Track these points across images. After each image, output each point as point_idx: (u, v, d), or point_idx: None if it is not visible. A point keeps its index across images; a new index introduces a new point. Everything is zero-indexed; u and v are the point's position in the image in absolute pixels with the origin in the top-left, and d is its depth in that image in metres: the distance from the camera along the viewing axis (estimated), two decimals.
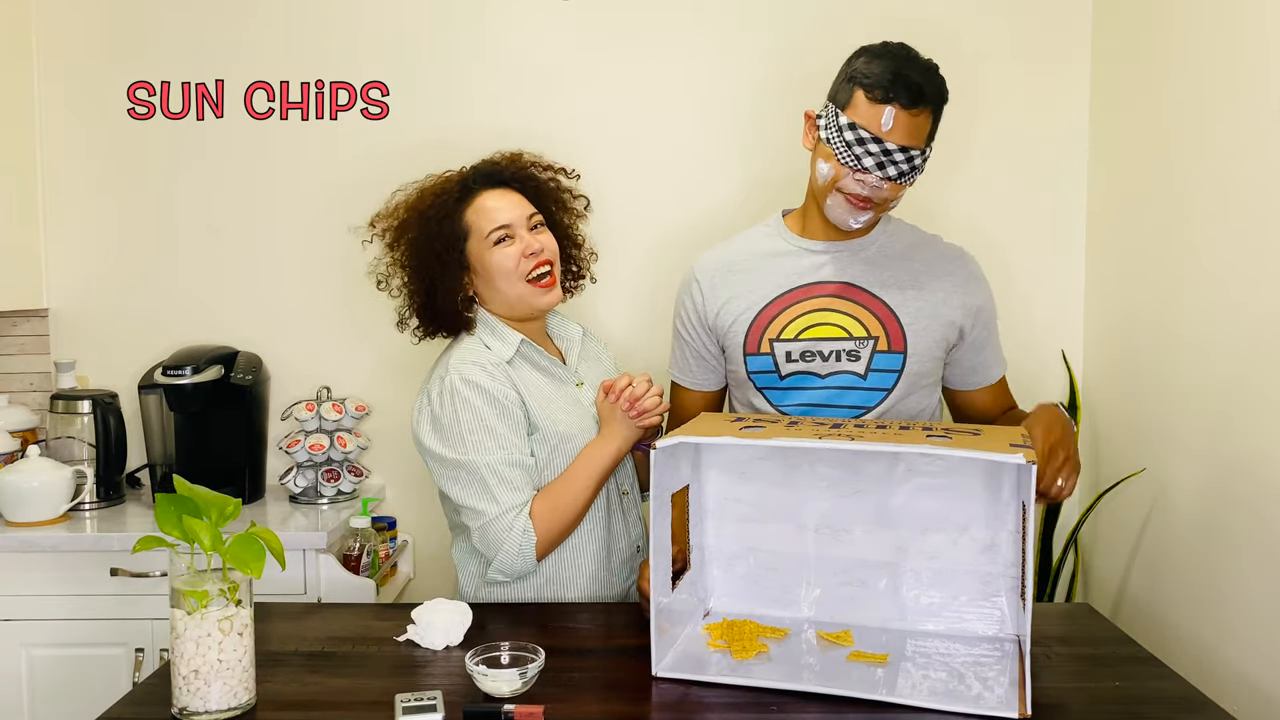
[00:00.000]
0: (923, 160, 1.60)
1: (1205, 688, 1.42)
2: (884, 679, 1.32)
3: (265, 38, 2.46)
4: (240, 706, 1.26)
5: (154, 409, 2.32)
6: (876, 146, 1.56)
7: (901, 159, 1.57)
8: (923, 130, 1.58)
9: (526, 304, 1.71)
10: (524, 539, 1.60)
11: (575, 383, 1.78)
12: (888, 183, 1.58)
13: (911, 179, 1.61)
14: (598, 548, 1.72)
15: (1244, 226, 1.76)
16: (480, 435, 1.62)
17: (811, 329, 1.67)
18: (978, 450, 1.25)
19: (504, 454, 1.62)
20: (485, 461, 1.61)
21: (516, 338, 1.72)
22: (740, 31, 2.42)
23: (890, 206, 1.65)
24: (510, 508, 1.61)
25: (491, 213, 1.70)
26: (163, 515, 1.24)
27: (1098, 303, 2.38)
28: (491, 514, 1.61)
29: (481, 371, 1.65)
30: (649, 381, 1.69)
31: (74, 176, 2.50)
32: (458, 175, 1.77)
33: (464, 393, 1.63)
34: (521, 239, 1.69)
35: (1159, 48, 2.08)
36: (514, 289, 1.70)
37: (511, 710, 1.23)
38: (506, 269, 1.68)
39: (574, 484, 1.66)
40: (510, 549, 1.61)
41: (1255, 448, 1.72)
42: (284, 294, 2.50)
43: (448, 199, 1.72)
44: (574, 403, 1.74)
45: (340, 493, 2.36)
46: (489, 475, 1.61)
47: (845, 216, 1.64)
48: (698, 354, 1.80)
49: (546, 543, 1.63)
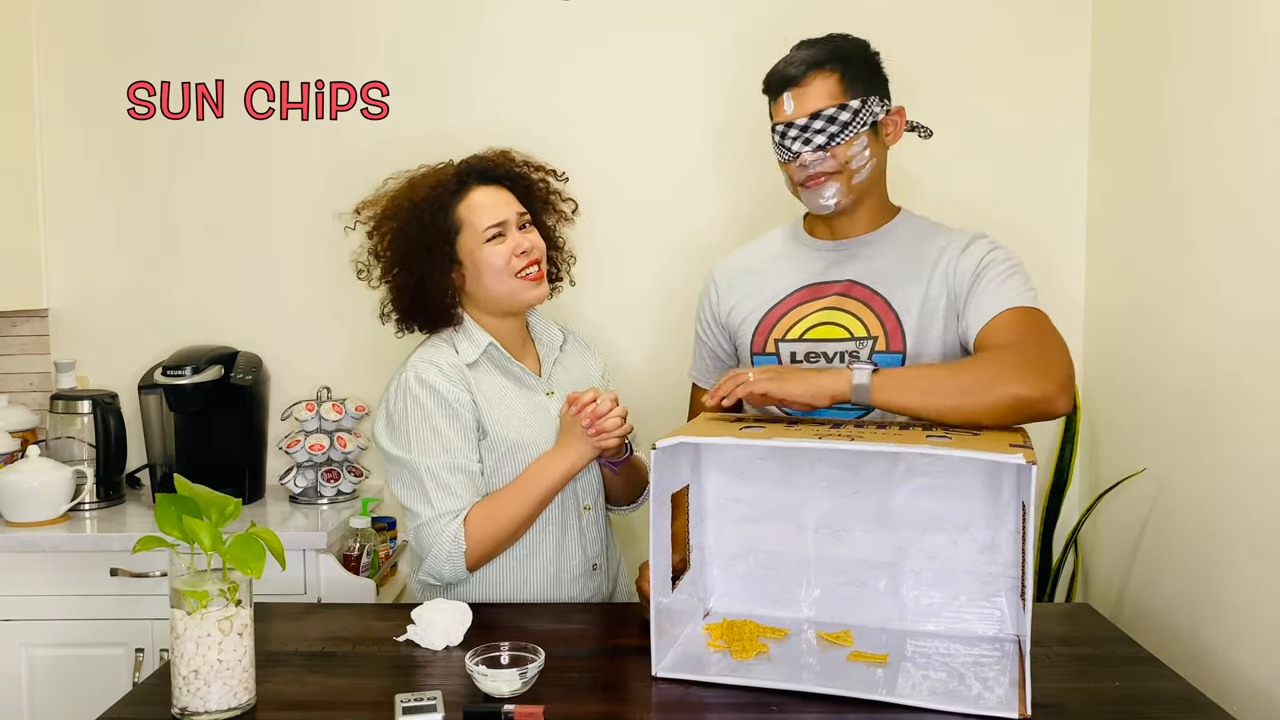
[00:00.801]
0: (851, 113, 1.59)
1: (1205, 688, 1.42)
2: (884, 679, 1.32)
3: (265, 38, 2.46)
4: (240, 707, 1.26)
5: (154, 409, 2.32)
6: (790, 130, 1.61)
7: (818, 125, 1.59)
8: (825, 90, 1.59)
9: (515, 299, 1.71)
10: (453, 546, 1.60)
11: (545, 391, 1.76)
12: (820, 152, 1.60)
13: (843, 136, 1.59)
14: (547, 562, 1.71)
15: (1244, 226, 1.76)
16: (426, 436, 1.63)
17: (815, 329, 1.66)
18: (977, 450, 1.25)
19: (447, 457, 1.62)
20: (427, 464, 1.62)
21: (485, 339, 1.71)
22: (741, 32, 2.42)
23: (857, 173, 1.62)
24: (444, 513, 1.61)
25: (486, 209, 1.69)
26: (163, 515, 1.24)
27: (1098, 303, 2.38)
28: (425, 517, 1.61)
29: (436, 372, 1.65)
30: (615, 401, 1.65)
31: (74, 176, 2.50)
32: (451, 168, 1.76)
33: (415, 391, 1.64)
34: (512, 237, 1.69)
35: (1159, 47, 2.09)
36: (503, 285, 1.69)
37: (511, 710, 1.23)
38: (497, 266, 1.68)
39: (517, 495, 1.64)
40: (439, 554, 1.60)
41: (1254, 448, 1.72)
42: (284, 294, 2.50)
43: (441, 192, 1.71)
44: (538, 411, 1.72)
45: (340, 493, 2.36)
46: (428, 478, 1.61)
47: (814, 201, 1.65)
48: (714, 354, 1.82)
49: (479, 552, 1.62)
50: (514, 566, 1.70)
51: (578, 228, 1.89)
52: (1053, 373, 1.44)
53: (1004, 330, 1.54)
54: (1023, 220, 2.42)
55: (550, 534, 1.71)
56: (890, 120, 1.65)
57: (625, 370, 2.46)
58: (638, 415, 1.84)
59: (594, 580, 1.77)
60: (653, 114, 2.45)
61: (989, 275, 1.60)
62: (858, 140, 1.61)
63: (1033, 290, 1.60)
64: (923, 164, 2.16)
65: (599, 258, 1.92)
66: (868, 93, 1.61)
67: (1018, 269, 1.62)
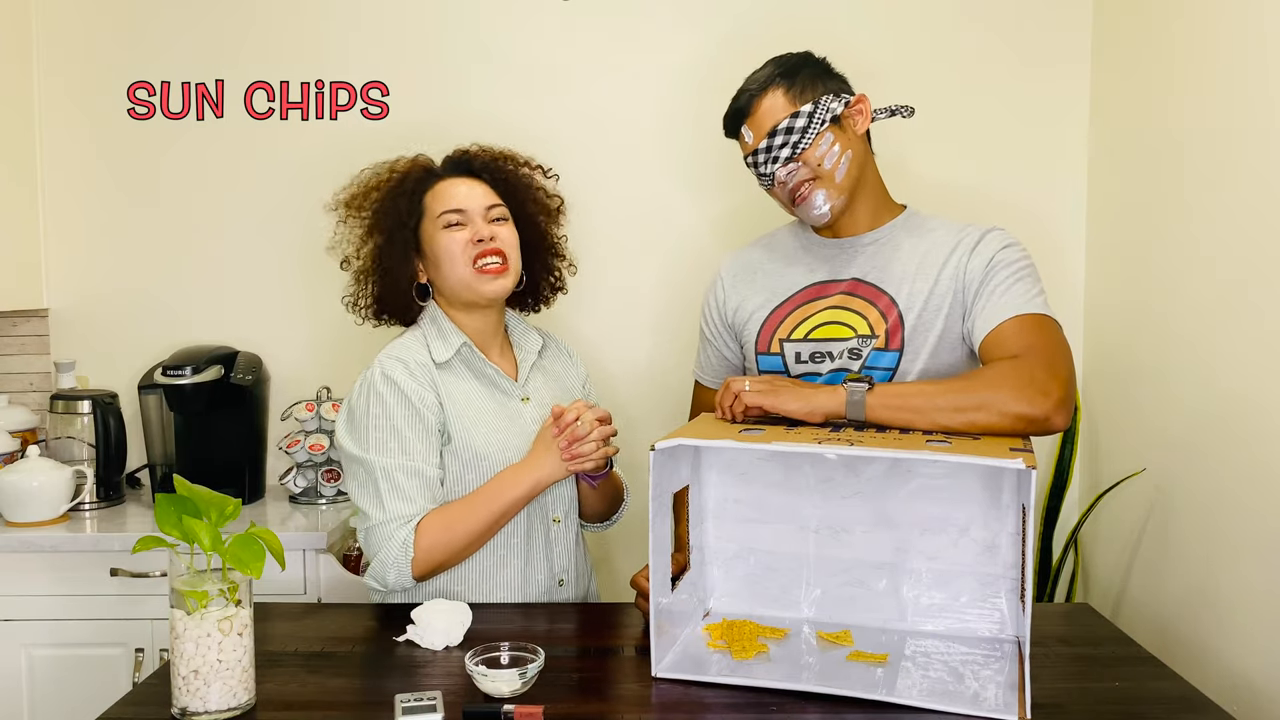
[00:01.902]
0: (806, 117, 1.60)
1: (1205, 688, 1.43)
2: (883, 679, 1.32)
3: (265, 38, 2.46)
4: (240, 707, 1.26)
5: (154, 409, 2.32)
6: (758, 156, 1.64)
7: (779, 140, 1.61)
8: (774, 107, 1.62)
9: (471, 290, 1.66)
10: (401, 552, 1.55)
11: (521, 396, 1.72)
12: (791, 164, 1.61)
13: (806, 141, 1.60)
14: (511, 575, 1.67)
15: (1244, 226, 1.76)
16: (385, 436, 1.58)
17: (820, 329, 1.66)
18: (978, 456, 1.25)
19: (405, 460, 1.57)
20: (383, 464, 1.57)
21: (459, 340, 1.68)
22: (739, 32, 2.41)
23: (836, 170, 1.62)
24: (395, 517, 1.56)
25: (446, 197, 1.68)
26: (162, 515, 1.24)
27: (1098, 303, 2.39)
28: (375, 519, 1.57)
29: (404, 370, 1.61)
30: (605, 420, 1.60)
31: (74, 176, 2.50)
32: (424, 158, 1.75)
33: (380, 389, 1.60)
34: (473, 225, 1.66)
35: (1159, 47, 2.08)
36: (457, 272, 1.65)
37: (511, 710, 1.23)
38: (452, 253, 1.64)
39: (475, 507, 1.58)
40: (385, 559, 1.56)
41: (1255, 448, 1.72)
42: (284, 294, 2.50)
43: (413, 178, 1.70)
44: (511, 418, 1.68)
45: (340, 493, 2.36)
46: (382, 479, 1.57)
47: (809, 214, 1.65)
48: (720, 353, 1.81)
49: (427, 561, 1.56)
50: (475, 579, 1.65)
51: (574, 228, 1.88)
52: (1054, 391, 1.43)
53: (1010, 340, 1.53)
54: (1023, 220, 2.41)
55: (514, 548, 1.66)
56: (853, 111, 1.65)
57: (623, 370, 2.46)
58: (635, 416, 1.83)
59: (560, 596, 1.72)
60: (652, 114, 2.45)
61: (998, 277, 1.58)
62: (822, 140, 1.60)
63: (1042, 294, 1.58)
64: (923, 163, 2.16)
65: (595, 258, 1.92)
66: (818, 94, 1.62)
67: (1028, 270, 1.60)
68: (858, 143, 1.65)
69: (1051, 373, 1.45)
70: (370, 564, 1.59)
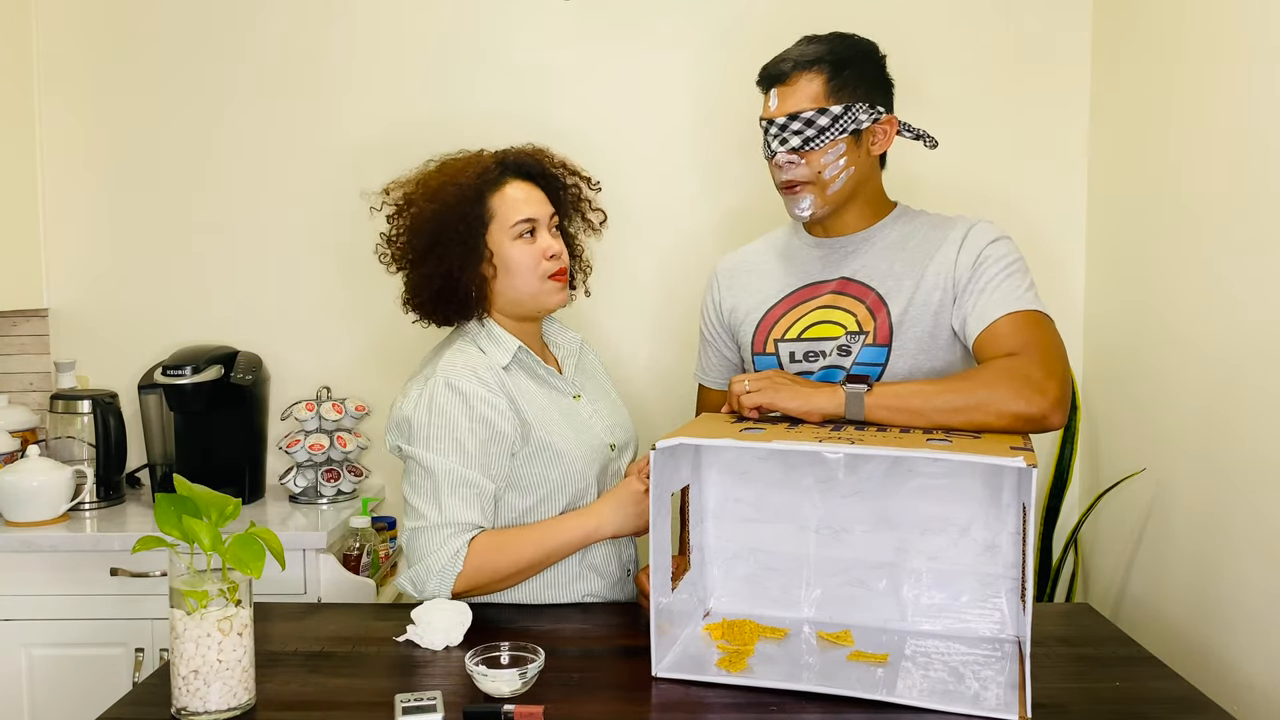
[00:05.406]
0: (830, 118, 1.58)
1: (1205, 688, 1.43)
2: (884, 679, 1.32)
3: (266, 38, 2.46)
4: (240, 707, 1.26)
5: (154, 409, 2.32)
6: (771, 127, 1.62)
7: (795, 126, 1.59)
8: (808, 92, 1.59)
9: (538, 302, 1.65)
10: (450, 562, 1.51)
11: (573, 394, 1.72)
12: (794, 154, 1.60)
13: (818, 142, 1.58)
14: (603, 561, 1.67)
15: (1244, 226, 1.76)
16: (448, 442, 1.54)
17: (813, 328, 1.66)
18: (978, 455, 1.25)
19: (466, 470, 1.54)
20: (446, 466, 1.53)
21: (514, 344, 1.64)
22: (741, 31, 2.41)
23: (831, 183, 1.61)
24: (453, 521, 1.52)
25: (519, 204, 1.63)
26: (162, 515, 1.24)
27: (1098, 303, 2.38)
28: (431, 521, 1.53)
29: (473, 377, 1.57)
30: None
31: (74, 176, 2.50)
32: (489, 157, 1.68)
33: (444, 398, 1.55)
34: (543, 238, 1.64)
35: (1159, 47, 2.08)
36: (530, 286, 1.63)
37: (511, 710, 1.23)
38: (526, 265, 1.62)
39: (529, 539, 1.56)
40: (431, 565, 1.52)
41: (1255, 447, 1.72)
42: (284, 294, 2.50)
43: (478, 179, 1.63)
44: (570, 415, 1.67)
45: (340, 493, 2.36)
46: (444, 480, 1.53)
47: (791, 209, 1.66)
48: (719, 353, 1.81)
49: (474, 580, 1.53)
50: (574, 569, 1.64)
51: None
52: (1050, 390, 1.44)
53: (1005, 338, 1.52)
54: (1023, 220, 2.42)
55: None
56: (878, 129, 1.63)
57: (624, 371, 2.46)
58: (635, 416, 1.84)
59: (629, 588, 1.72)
60: (653, 114, 2.45)
61: (988, 273, 1.58)
62: (834, 148, 1.59)
63: (1033, 288, 1.58)
64: (922, 163, 2.16)
65: (596, 258, 1.92)
66: (855, 99, 1.60)
67: (1017, 265, 1.59)
68: (865, 161, 1.63)
69: (1048, 371, 1.46)
70: (413, 567, 1.54)
